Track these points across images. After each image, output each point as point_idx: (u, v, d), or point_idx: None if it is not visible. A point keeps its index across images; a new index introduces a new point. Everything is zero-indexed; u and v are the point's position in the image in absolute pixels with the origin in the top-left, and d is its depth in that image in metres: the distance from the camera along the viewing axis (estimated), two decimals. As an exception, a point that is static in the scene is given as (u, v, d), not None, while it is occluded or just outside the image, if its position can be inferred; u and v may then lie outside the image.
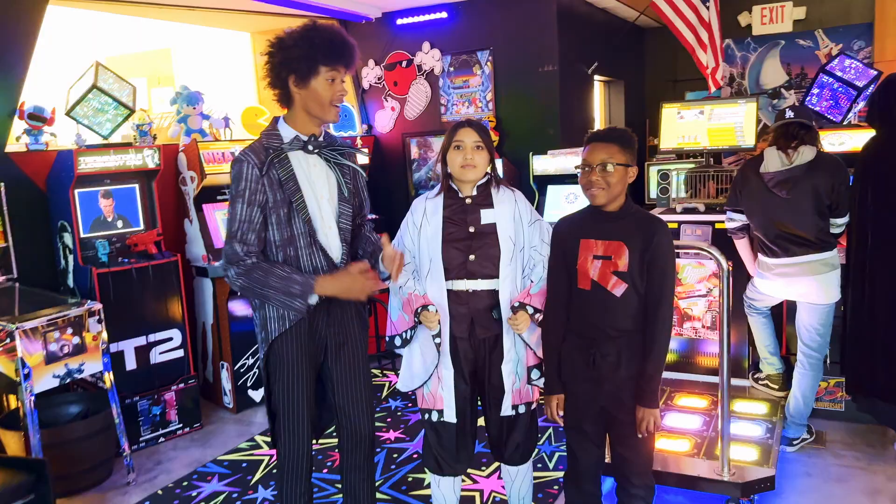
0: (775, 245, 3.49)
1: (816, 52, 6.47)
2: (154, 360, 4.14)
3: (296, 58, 2.29)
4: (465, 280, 2.49)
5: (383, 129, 5.78)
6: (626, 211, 2.33)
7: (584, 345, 2.37)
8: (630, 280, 2.28)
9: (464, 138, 2.47)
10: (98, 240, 4.01)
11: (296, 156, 2.36)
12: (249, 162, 2.31)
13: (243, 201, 2.32)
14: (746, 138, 4.22)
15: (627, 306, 2.30)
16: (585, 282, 2.36)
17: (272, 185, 2.31)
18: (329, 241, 2.41)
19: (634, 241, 2.27)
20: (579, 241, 2.36)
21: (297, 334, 2.41)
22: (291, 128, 2.39)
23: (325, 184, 2.42)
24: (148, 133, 4.20)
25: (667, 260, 2.27)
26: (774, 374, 3.90)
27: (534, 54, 5.12)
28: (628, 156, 2.28)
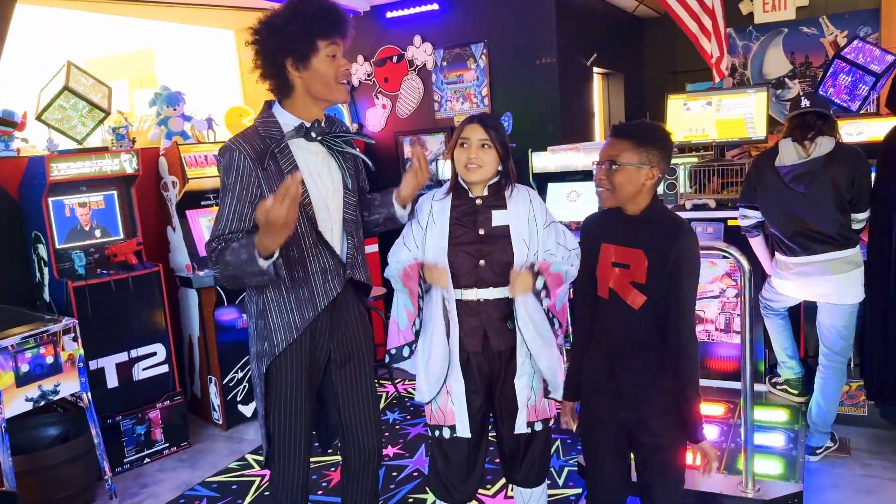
0: (793, 243, 3.29)
1: (821, 39, 6.27)
2: (137, 376, 3.91)
3: (291, 37, 2.05)
4: (474, 289, 2.28)
5: (375, 128, 5.56)
6: (648, 215, 2.08)
7: (605, 354, 2.16)
8: (649, 292, 2.05)
9: (469, 135, 2.27)
10: (74, 251, 3.78)
11: (296, 144, 2.14)
12: (241, 151, 2.07)
13: (233, 196, 2.08)
14: (757, 130, 4.01)
15: (647, 320, 2.08)
16: (604, 289, 2.15)
17: (270, 177, 2.07)
18: (334, 238, 2.22)
19: (654, 249, 2.04)
20: (600, 244, 2.15)
21: (300, 349, 2.20)
22: (291, 113, 2.16)
23: (329, 174, 2.21)
24: (125, 137, 3.98)
25: (689, 269, 2.03)
26: (793, 379, 3.69)
27: (531, 46, 4.90)
28: (645, 155, 2.02)
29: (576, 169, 4.46)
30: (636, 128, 2.08)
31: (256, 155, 2.07)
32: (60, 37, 5.86)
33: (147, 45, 6.28)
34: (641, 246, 2.05)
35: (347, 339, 2.31)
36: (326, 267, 2.19)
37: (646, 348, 2.09)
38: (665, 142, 2.07)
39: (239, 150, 2.07)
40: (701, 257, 2.09)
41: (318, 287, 2.19)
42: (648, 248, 2.04)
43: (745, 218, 3.47)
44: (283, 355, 2.18)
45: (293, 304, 2.17)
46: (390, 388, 4.65)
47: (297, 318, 2.17)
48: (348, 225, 2.27)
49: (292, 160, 2.12)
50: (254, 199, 2.07)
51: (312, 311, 2.17)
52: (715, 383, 3.80)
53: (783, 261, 3.38)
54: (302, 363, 2.21)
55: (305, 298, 2.17)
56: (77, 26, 5.66)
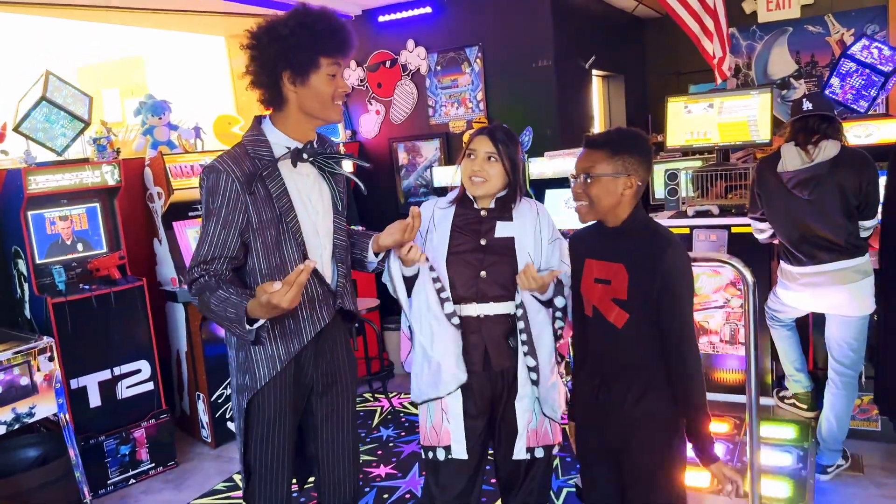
0: (800, 252, 3.14)
1: (827, 38, 6.11)
2: (121, 394, 3.79)
3: (293, 49, 1.91)
4: (474, 303, 2.16)
5: (368, 135, 5.43)
6: (628, 227, 1.96)
7: (590, 376, 2.05)
8: (632, 310, 1.92)
9: (477, 147, 2.17)
10: (54, 266, 3.66)
11: (286, 165, 2.00)
12: (229, 173, 1.92)
13: (217, 221, 1.93)
14: (761, 132, 3.86)
15: (630, 339, 1.95)
16: (588, 307, 2.03)
17: (258, 202, 1.94)
18: (324, 265, 2.08)
19: (636, 263, 1.91)
20: (584, 259, 2.03)
21: (283, 381, 2.05)
22: (282, 131, 2.01)
23: (319, 197, 2.07)
24: (107, 147, 3.85)
25: (681, 284, 1.89)
26: (802, 393, 3.53)
27: (527, 49, 4.76)
28: (621, 163, 1.89)
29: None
30: (609, 136, 1.97)
31: (244, 178, 1.92)
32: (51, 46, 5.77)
33: (138, 52, 6.17)
34: (621, 260, 1.93)
35: (332, 367, 2.18)
36: (315, 296, 2.05)
37: (631, 370, 1.97)
38: (642, 148, 1.95)
39: (226, 173, 1.92)
40: (698, 267, 1.95)
41: (305, 318, 2.04)
42: (629, 262, 1.91)
43: (760, 232, 3.33)
44: (265, 388, 2.03)
45: (278, 335, 2.01)
46: (384, 403, 4.51)
47: (282, 350, 2.02)
48: (338, 251, 2.14)
49: (282, 184, 1.98)
50: (240, 225, 1.93)
51: (299, 343, 2.03)
52: (720, 397, 3.63)
53: (789, 271, 3.22)
54: (285, 396, 2.07)
55: (291, 330, 2.03)
56: (69, 34, 5.57)
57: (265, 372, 2.01)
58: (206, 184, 1.95)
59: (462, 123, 5.03)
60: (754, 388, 2.67)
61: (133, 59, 6.30)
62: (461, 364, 2.16)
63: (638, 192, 1.95)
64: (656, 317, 1.91)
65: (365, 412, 4.39)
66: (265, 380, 2.01)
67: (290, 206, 1.98)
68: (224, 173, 1.92)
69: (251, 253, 1.99)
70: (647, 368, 1.95)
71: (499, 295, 2.16)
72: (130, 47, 6.09)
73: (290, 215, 1.98)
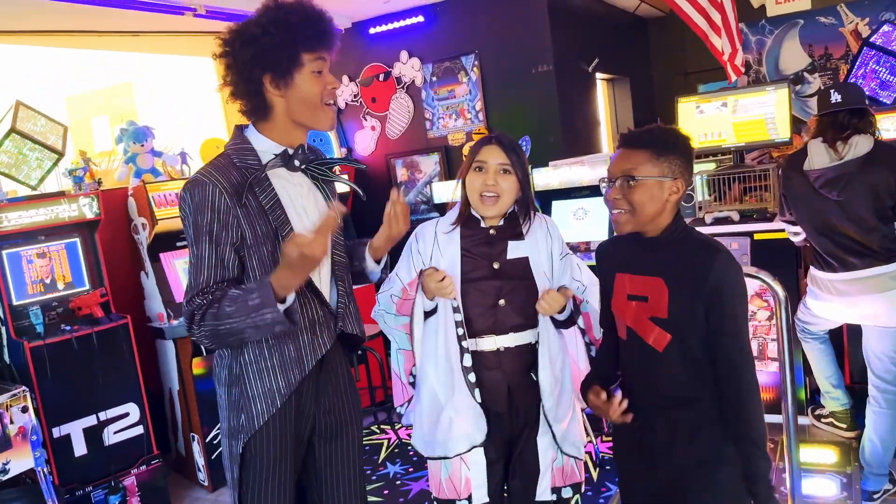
0: (830, 256, 2.87)
1: (840, 29, 5.84)
2: (108, 441, 3.55)
3: (269, 49, 1.70)
4: (492, 336, 1.92)
5: (364, 151, 5.20)
6: (669, 236, 1.69)
7: (631, 410, 1.76)
8: (674, 330, 1.65)
9: (487, 158, 1.94)
10: (32, 307, 3.45)
11: (276, 174, 1.80)
12: (216, 184, 1.71)
13: (210, 240, 1.70)
14: (780, 131, 3.60)
15: (673, 365, 1.67)
16: (622, 329, 1.77)
17: (251, 215, 1.73)
18: (322, 284, 1.87)
19: (678, 277, 1.65)
20: (615, 273, 1.78)
21: (283, 420, 1.82)
22: (268, 138, 1.81)
23: (315, 208, 1.88)
24: (84, 178, 3.64)
25: (733, 300, 1.63)
26: (840, 411, 3.25)
27: (525, 54, 4.52)
28: (667, 165, 1.65)
29: (581, 184, 4.08)
30: (652, 134, 1.69)
31: (234, 189, 1.72)
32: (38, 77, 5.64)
33: (126, 78, 6.01)
34: (660, 273, 1.66)
35: (335, 405, 1.94)
36: (315, 319, 1.84)
37: (677, 402, 1.69)
38: (687, 148, 1.70)
39: (213, 184, 1.71)
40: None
41: (305, 343, 1.83)
42: (669, 276, 1.65)
43: (795, 235, 3.08)
44: (263, 429, 1.80)
45: (276, 365, 1.80)
46: (391, 435, 4.26)
47: (282, 382, 1.79)
48: (338, 268, 1.93)
49: (274, 194, 1.78)
50: (235, 241, 1.72)
51: (299, 372, 1.81)
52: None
53: (819, 278, 2.96)
54: (286, 437, 1.83)
55: (292, 358, 1.80)
56: (55, 64, 5.44)
57: (263, 409, 1.78)
58: (190, 200, 1.73)
59: (461, 136, 4.80)
60: (791, 410, 2.43)
61: (121, 85, 6.15)
62: (481, 423, 1.92)
63: (681, 199, 1.70)
64: (704, 337, 1.65)
65: (370, 446, 4.14)
66: (264, 418, 1.78)
67: (285, 218, 1.78)
68: (210, 185, 1.71)
69: (246, 273, 1.77)
70: (696, 400, 1.68)
71: (518, 325, 1.94)
72: (118, 74, 5.95)
73: (286, 229, 1.77)
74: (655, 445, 1.71)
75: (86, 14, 3.92)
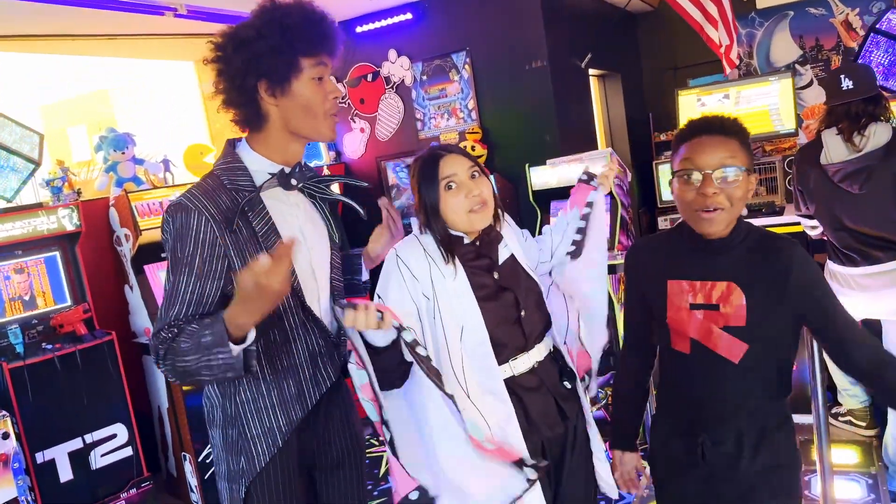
0: (851, 250, 2.77)
1: (831, 19, 5.77)
2: (95, 464, 3.38)
3: (265, 53, 1.55)
4: (525, 353, 1.69)
5: (354, 155, 5.05)
6: (735, 235, 1.54)
7: (685, 428, 1.62)
8: (753, 338, 1.51)
9: (456, 170, 1.67)
10: (10, 326, 3.26)
11: (271, 195, 1.65)
12: (201, 211, 1.53)
13: (190, 272, 1.53)
14: (784, 121, 3.52)
15: (749, 374, 1.53)
16: (682, 342, 1.60)
17: (241, 243, 1.57)
18: (322, 311, 1.72)
19: (754, 278, 1.51)
20: (666, 281, 1.60)
21: (286, 458, 1.67)
22: (262, 155, 1.65)
23: (314, 230, 1.73)
24: (62, 189, 3.46)
25: (824, 287, 1.51)
26: (859, 409, 3.15)
27: (518, 51, 4.40)
28: (750, 157, 1.52)
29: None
30: (736, 122, 1.54)
31: (222, 216, 1.55)
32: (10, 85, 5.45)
33: (102, 85, 5.82)
34: (731, 277, 1.52)
35: (338, 435, 1.81)
36: (316, 350, 1.70)
37: (743, 412, 1.56)
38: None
39: (198, 211, 1.53)
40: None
41: (307, 378, 1.69)
42: (743, 278, 1.51)
43: (812, 229, 2.98)
44: (265, 471, 1.65)
45: (276, 402, 1.65)
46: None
47: (283, 420, 1.65)
48: (338, 293, 1.80)
49: (268, 218, 1.62)
50: (219, 275, 1.55)
51: (302, 408, 1.67)
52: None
53: (839, 272, 2.86)
54: (289, 474, 1.69)
55: (293, 394, 1.66)
56: (29, 72, 5.25)
57: (264, 448, 1.64)
58: (171, 226, 1.56)
59: (454, 135, 4.66)
60: (822, 410, 2.35)
61: (98, 93, 5.96)
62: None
63: None
64: (792, 342, 1.54)
65: (370, 459, 3.98)
66: (266, 458, 1.64)
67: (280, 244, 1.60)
68: (195, 212, 1.53)
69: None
70: (763, 407, 1.56)
71: (541, 329, 1.75)
72: (95, 81, 5.76)
73: None
74: (720, 459, 1.58)
75: (56, 15, 3.73)
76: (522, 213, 4.48)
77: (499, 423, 1.63)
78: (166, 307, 1.54)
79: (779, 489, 1.55)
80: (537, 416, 1.69)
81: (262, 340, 1.59)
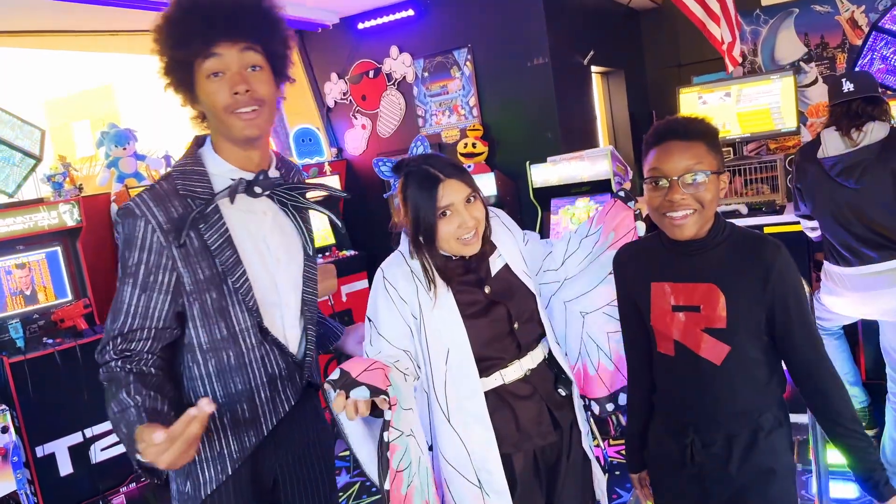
0: (846, 250, 2.76)
1: (837, 17, 5.74)
2: (96, 458, 3.40)
3: (166, 56, 1.45)
4: (517, 361, 1.65)
5: (355, 151, 5.05)
6: (715, 236, 1.53)
7: (677, 429, 1.61)
8: (734, 340, 1.51)
9: (452, 199, 1.56)
10: (11, 321, 3.28)
11: (234, 201, 1.51)
12: (148, 220, 1.42)
13: (135, 283, 1.43)
14: (786, 120, 3.50)
15: (733, 378, 1.53)
16: (666, 344, 1.59)
17: (191, 256, 1.46)
18: (287, 329, 1.59)
19: (734, 279, 1.50)
20: (650, 284, 1.60)
21: (238, 484, 1.55)
22: (223, 158, 1.52)
23: (281, 240, 1.58)
24: (63, 184, 3.48)
25: (801, 295, 1.49)
26: (858, 410, 3.14)
27: (520, 47, 4.39)
28: (719, 158, 1.52)
29: (581, 180, 3.95)
30: (701, 124, 1.54)
31: (171, 224, 1.43)
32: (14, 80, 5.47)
33: (106, 81, 5.84)
34: (710, 278, 1.51)
35: (300, 456, 1.67)
36: (276, 373, 1.56)
37: (732, 415, 1.55)
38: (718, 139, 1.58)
39: (145, 219, 1.43)
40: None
41: (263, 402, 1.56)
42: (723, 280, 1.50)
43: (812, 230, 2.97)
44: (212, 498, 1.53)
45: (228, 425, 1.53)
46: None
47: (234, 445, 1.53)
48: (309, 308, 1.64)
49: (223, 230, 1.48)
50: (167, 288, 1.45)
51: (256, 435, 1.55)
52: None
53: (834, 272, 2.85)
54: (243, 499, 1.57)
55: (246, 419, 1.54)
56: (33, 67, 5.27)
57: (211, 475, 1.51)
58: (123, 233, 1.46)
59: (455, 132, 4.66)
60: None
61: (102, 88, 5.99)
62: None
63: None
64: (768, 342, 1.53)
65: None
66: (212, 486, 1.51)
67: (235, 259, 1.49)
68: (142, 219, 1.42)
69: (187, 322, 1.50)
70: (754, 410, 1.55)
71: (535, 339, 1.71)
72: (98, 76, 5.78)
73: (235, 272, 1.49)
74: (709, 463, 1.57)
75: (61, 11, 3.74)
76: (523, 210, 4.48)
77: (478, 449, 1.61)
78: (111, 319, 1.46)
79: (770, 495, 1.54)
80: (528, 424, 1.65)
81: (214, 361, 1.51)
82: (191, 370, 1.52)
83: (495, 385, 1.64)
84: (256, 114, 1.45)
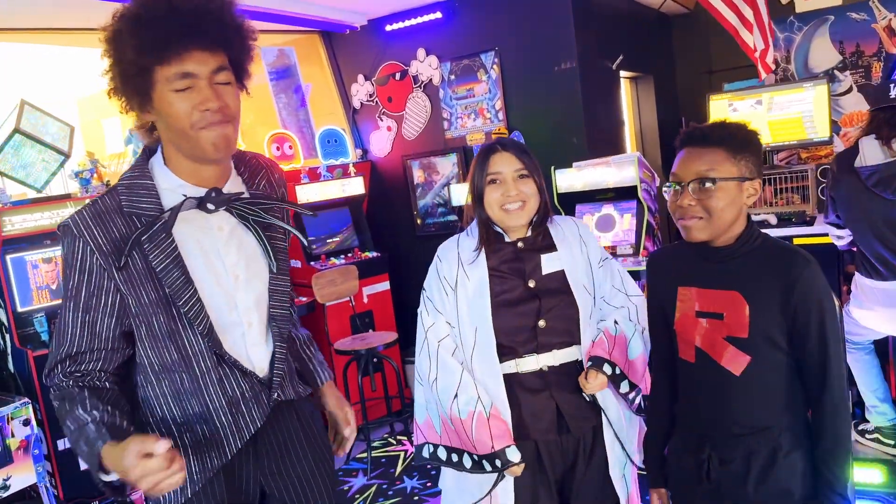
0: (880, 263, 2.70)
1: (873, 25, 5.61)
2: (115, 452, 3.42)
3: (119, 65, 1.32)
4: (534, 355, 1.75)
5: (380, 153, 5.05)
6: (744, 244, 1.52)
7: (694, 443, 1.59)
8: (755, 350, 1.48)
9: (501, 168, 1.79)
10: (37, 315, 3.32)
11: (186, 216, 1.40)
12: (87, 241, 1.34)
13: (77, 306, 1.36)
14: (819, 130, 3.43)
15: (752, 390, 1.50)
16: (688, 350, 1.58)
17: (133, 279, 1.37)
18: (250, 348, 1.48)
19: (759, 289, 1.48)
20: (677, 287, 1.59)
21: (208, 499, 1.46)
22: (174, 173, 1.40)
23: (239, 257, 1.47)
24: (91, 180, 3.52)
25: (824, 314, 1.45)
26: (887, 427, 3.06)
27: (547, 52, 4.36)
28: (744, 164, 1.49)
29: (607, 186, 3.90)
30: (726, 130, 1.52)
31: (112, 245, 1.35)
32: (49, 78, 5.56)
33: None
34: (737, 286, 1.49)
35: (286, 465, 1.56)
36: (237, 396, 1.46)
37: (750, 433, 1.51)
38: (758, 144, 1.55)
39: (83, 240, 1.34)
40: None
41: (225, 426, 1.45)
42: (749, 290, 1.48)
43: (839, 238, 2.90)
44: None
45: (189, 445, 1.44)
46: (408, 447, 4.10)
47: (195, 466, 1.44)
48: (278, 323, 1.52)
49: (170, 251, 1.38)
50: (111, 311, 1.38)
51: (219, 457, 1.46)
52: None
53: (866, 285, 2.78)
54: None
55: (207, 440, 1.45)
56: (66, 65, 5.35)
57: (169, 498, 1.43)
58: (61, 250, 1.39)
59: (480, 136, 4.64)
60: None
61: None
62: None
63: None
64: (792, 357, 1.49)
65: (386, 458, 3.98)
66: (177, 500, 1.43)
67: (183, 281, 1.38)
68: (80, 239, 1.34)
69: (137, 343, 1.43)
70: (773, 427, 1.50)
71: (563, 341, 1.77)
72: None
73: (184, 295, 1.38)
74: (727, 478, 1.53)
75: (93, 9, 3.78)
76: (547, 215, 4.44)
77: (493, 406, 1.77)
78: (56, 342, 1.40)
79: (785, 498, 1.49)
80: (528, 417, 1.75)
81: (167, 382, 1.43)
82: (145, 390, 1.46)
83: (508, 371, 1.76)
84: (228, 133, 1.35)
